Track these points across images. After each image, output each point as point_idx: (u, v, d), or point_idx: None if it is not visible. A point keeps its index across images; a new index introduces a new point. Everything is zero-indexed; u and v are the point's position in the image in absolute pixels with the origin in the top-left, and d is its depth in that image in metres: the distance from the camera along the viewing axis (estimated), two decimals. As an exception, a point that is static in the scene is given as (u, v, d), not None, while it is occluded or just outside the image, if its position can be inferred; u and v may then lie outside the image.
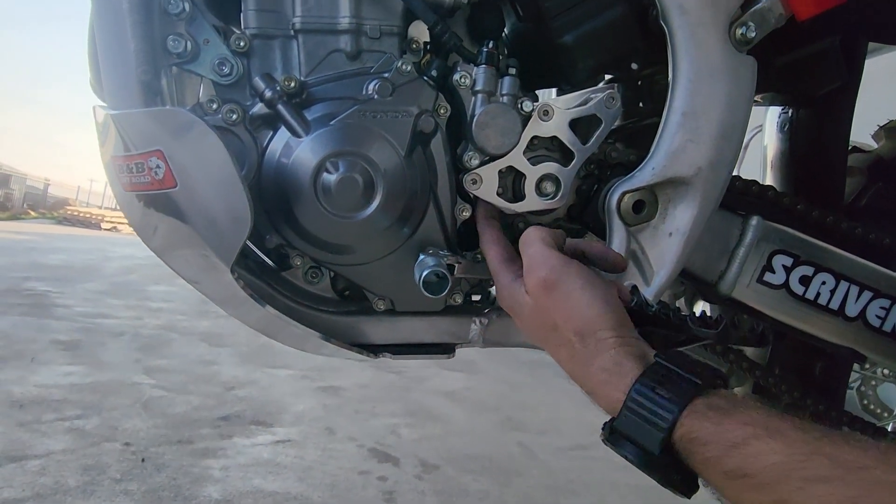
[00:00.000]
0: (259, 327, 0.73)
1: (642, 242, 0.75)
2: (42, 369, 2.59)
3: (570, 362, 0.57)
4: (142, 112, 0.62)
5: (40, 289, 4.67)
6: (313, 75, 0.71)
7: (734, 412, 0.46)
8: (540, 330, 0.60)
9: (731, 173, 0.75)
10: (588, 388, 0.55)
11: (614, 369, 0.53)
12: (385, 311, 0.76)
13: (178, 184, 0.60)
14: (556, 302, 0.57)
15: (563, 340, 0.57)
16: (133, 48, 0.66)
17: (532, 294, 0.59)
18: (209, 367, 2.96)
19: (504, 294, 0.64)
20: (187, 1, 0.69)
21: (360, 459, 2.02)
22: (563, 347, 0.57)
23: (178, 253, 0.68)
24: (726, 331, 0.57)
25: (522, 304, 0.60)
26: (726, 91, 0.70)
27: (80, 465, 1.71)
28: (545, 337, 0.59)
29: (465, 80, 0.69)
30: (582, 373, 0.55)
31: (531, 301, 0.59)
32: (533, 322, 0.60)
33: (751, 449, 0.43)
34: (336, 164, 0.65)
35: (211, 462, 1.84)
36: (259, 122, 0.67)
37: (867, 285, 0.83)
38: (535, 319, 0.60)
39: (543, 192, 0.74)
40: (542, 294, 0.57)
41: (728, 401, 0.47)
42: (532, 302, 0.59)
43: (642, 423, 0.49)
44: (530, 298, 0.59)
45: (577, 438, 2.50)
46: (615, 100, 0.72)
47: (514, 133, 0.69)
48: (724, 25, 0.69)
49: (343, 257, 0.71)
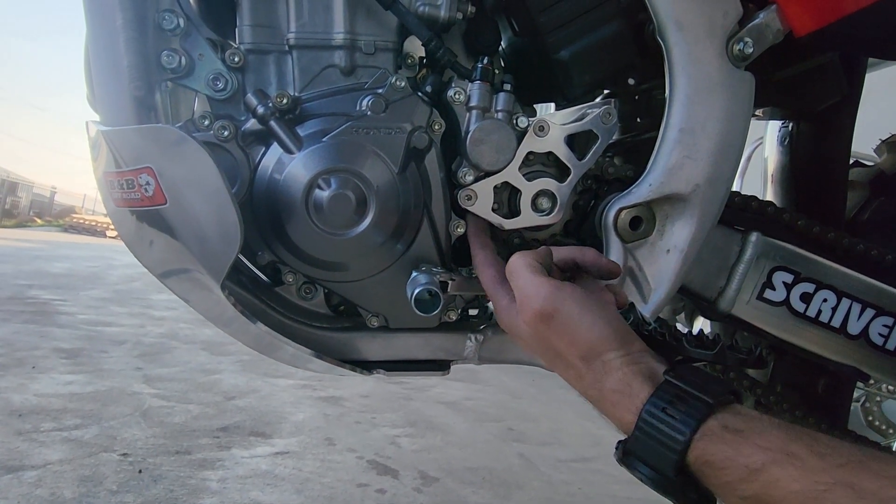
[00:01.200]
0: (252, 344, 0.73)
1: (640, 259, 0.74)
2: (42, 377, 2.58)
3: (580, 384, 0.56)
4: (132, 129, 0.62)
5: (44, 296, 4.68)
6: (308, 91, 0.71)
7: (750, 434, 0.44)
8: (544, 355, 0.59)
9: (729, 189, 0.74)
10: (600, 408, 0.54)
11: (624, 391, 0.51)
12: (379, 327, 0.75)
13: (168, 201, 0.60)
14: (556, 331, 0.56)
15: (568, 364, 0.56)
16: (126, 64, 0.66)
17: (529, 325, 0.58)
18: (210, 375, 2.95)
19: (502, 316, 0.62)
20: (182, 17, 0.69)
21: (359, 471, 2.00)
22: (570, 370, 0.57)
23: (169, 269, 0.67)
24: (723, 352, 0.55)
25: (522, 330, 0.59)
26: (724, 107, 0.70)
27: (77, 475, 1.70)
28: (551, 360, 0.59)
29: (459, 96, 0.69)
30: (593, 394, 0.55)
31: (529, 330, 0.58)
32: (536, 348, 0.59)
33: (769, 476, 0.42)
34: (328, 180, 0.64)
35: (209, 473, 1.83)
36: (251, 138, 0.67)
37: (870, 303, 0.82)
38: (537, 346, 0.59)
39: (539, 209, 0.73)
40: (540, 325, 0.56)
41: (743, 419, 0.46)
42: (531, 331, 0.58)
43: (655, 444, 0.47)
44: (529, 327, 0.58)
45: (579, 450, 2.48)
46: (612, 115, 0.72)
47: (509, 149, 0.68)
48: (721, 41, 0.69)
49: (335, 274, 0.71)
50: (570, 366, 0.56)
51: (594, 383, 0.54)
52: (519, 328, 0.59)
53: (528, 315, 0.57)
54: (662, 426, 0.47)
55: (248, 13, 0.71)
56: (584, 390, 0.56)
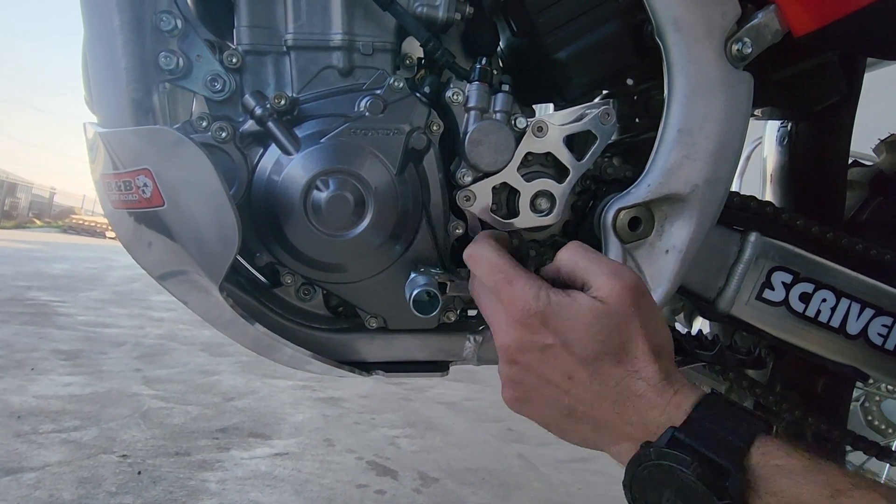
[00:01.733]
0: (250, 346, 0.73)
1: (638, 260, 0.74)
2: (42, 379, 2.58)
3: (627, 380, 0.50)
4: (129, 131, 0.62)
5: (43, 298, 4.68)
6: (305, 92, 0.71)
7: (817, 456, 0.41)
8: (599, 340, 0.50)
9: (728, 189, 0.74)
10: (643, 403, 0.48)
11: (688, 384, 0.49)
12: (377, 328, 0.75)
13: (165, 202, 0.59)
14: (644, 311, 0.51)
15: (626, 354, 0.50)
16: (124, 65, 0.65)
17: (615, 299, 0.50)
18: (209, 377, 2.95)
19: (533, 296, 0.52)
20: (179, 18, 0.68)
21: (358, 472, 2.00)
22: (621, 365, 0.50)
23: (167, 271, 0.67)
24: (722, 353, 0.55)
25: (579, 309, 0.51)
26: (722, 107, 0.70)
27: (76, 477, 1.70)
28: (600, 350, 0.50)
29: (457, 97, 0.68)
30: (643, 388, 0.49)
31: (606, 307, 0.50)
32: (593, 330, 0.50)
33: (854, 502, 0.38)
34: (326, 182, 0.64)
35: (208, 475, 1.83)
36: (249, 139, 0.67)
37: (869, 303, 0.82)
38: (601, 328, 0.50)
39: (538, 209, 0.73)
40: (631, 300, 0.50)
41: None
42: (607, 308, 0.50)
43: (715, 432, 0.43)
44: (607, 304, 0.50)
45: (578, 451, 2.47)
46: (610, 116, 0.72)
47: (508, 150, 0.68)
48: (719, 41, 0.69)
49: (334, 275, 0.70)
50: (633, 355, 0.50)
51: (658, 372, 0.49)
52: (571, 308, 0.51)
53: (625, 285, 0.51)
54: (724, 418, 0.43)
55: (245, 14, 0.70)
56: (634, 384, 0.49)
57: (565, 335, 0.51)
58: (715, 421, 0.44)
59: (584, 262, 0.54)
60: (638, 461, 0.47)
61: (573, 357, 0.51)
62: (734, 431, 0.43)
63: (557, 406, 0.54)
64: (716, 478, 0.41)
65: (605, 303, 0.51)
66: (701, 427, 0.44)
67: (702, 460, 0.42)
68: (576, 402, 0.52)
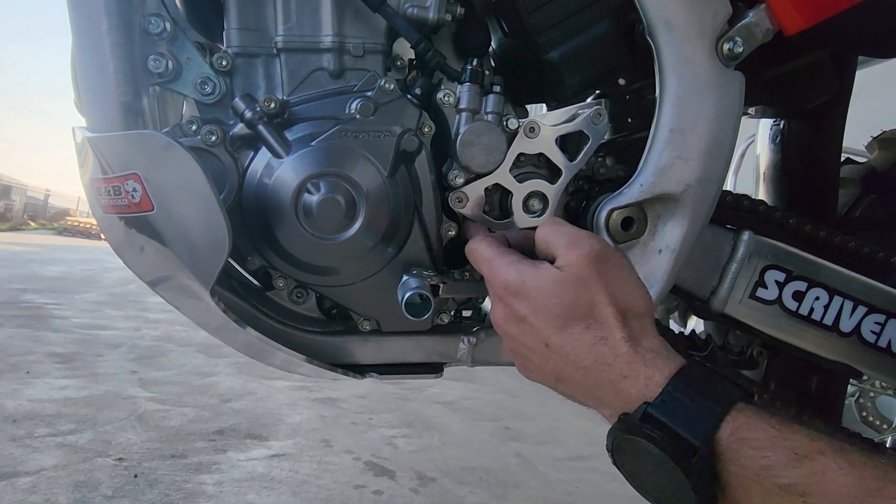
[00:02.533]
0: (243, 350, 0.72)
1: (632, 260, 0.74)
2: (37, 382, 2.57)
3: (597, 346, 0.51)
4: (117, 135, 0.61)
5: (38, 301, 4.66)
6: (296, 94, 0.70)
7: (790, 420, 0.42)
8: (563, 307, 0.52)
9: (720, 189, 0.74)
10: (615, 372, 0.49)
11: (661, 352, 0.49)
12: (371, 331, 0.75)
13: (155, 207, 0.59)
14: (605, 274, 0.52)
15: (596, 319, 0.52)
16: (112, 69, 0.65)
17: (573, 265, 0.53)
18: (205, 378, 2.95)
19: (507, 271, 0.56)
20: (168, 20, 0.68)
21: (355, 473, 2.00)
22: (594, 328, 0.51)
23: (158, 276, 0.67)
24: (714, 353, 0.55)
25: (542, 279, 0.53)
26: (714, 107, 0.70)
27: (72, 481, 1.69)
28: (566, 316, 0.52)
29: (448, 99, 0.68)
30: (611, 357, 0.50)
31: (564, 274, 0.53)
32: (556, 299, 0.52)
33: (817, 464, 0.38)
34: (317, 185, 0.64)
35: (205, 477, 1.82)
36: (240, 142, 0.66)
37: (861, 300, 0.82)
38: (562, 295, 0.52)
39: (531, 210, 0.73)
40: (588, 265, 0.52)
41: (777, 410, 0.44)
42: (565, 275, 0.53)
43: (687, 408, 0.44)
44: (565, 271, 0.53)
45: (576, 449, 2.48)
46: (602, 116, 0.71)
47: (500, 151, 0.68)
48: (710, 41, 0.69)
49: (326, 278, 0.70)
50: (599, 321, 0.51)
51: (627, 339, 0.50)
52: (537, 279, 0.54)
53: (579, 251, 0.53)
54: (697, 391, 0.44)
55: (235, 16, 0.70)
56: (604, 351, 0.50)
57: (535, 305, 0.54)
58: (689, 395, 0.45)
59: (552, 236, 0.58)
60: (614, 433, 0.48)
61: (545, 325, 0.54)
62: (707, 405, 0.44)
63: (547, 371, 0.56)
64: (683, 454, 0.42)
65: (564, 270, 0.54)
66: (673, 402, 0.45)
67: (671, 437, 0.43)
68: (557, 368, 0.54)
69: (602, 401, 0.52)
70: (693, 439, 0.43)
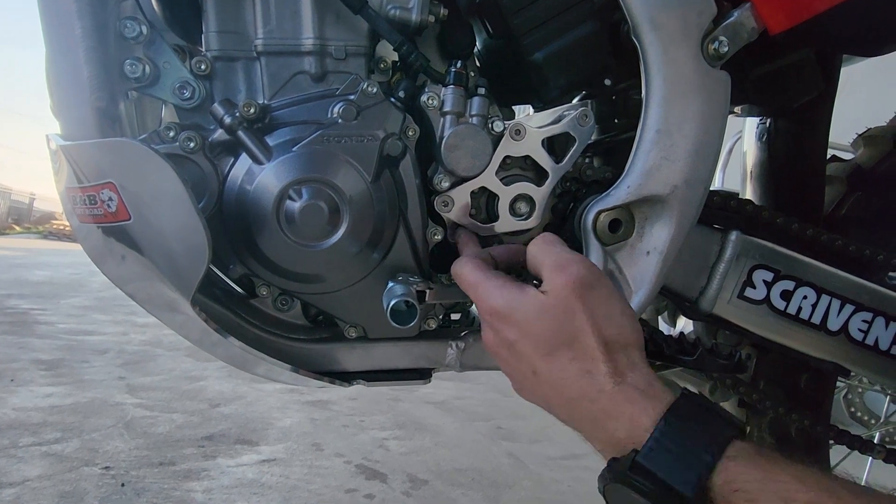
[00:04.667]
0: (227, 360, 0.71)
1: (620, 262, 0.74)
2: (21, 390, 2.53)
3: (582, 380, 0.49)
4: (91, 143, 0.59)
5: (23, 306, 4.59)
6: (277, 98, 0.69)
7: (781, 462, 0.41)
8: (548, 334, 0.51)
9: (707, 189, 0.74)
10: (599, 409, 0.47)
11: (647, 390, 0.47)
12: (357, 337, 0.74)
13: (132, 216, 0.57)
14: (590, 303, 0.50)
15: (581, 350, 0.50)
16: (87, 74, 0.63)
17: (557, 291, 0.51)
18: (194, 383, 2.91)
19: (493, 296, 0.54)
20: (145, 24, 0.66)
21: (347, 476, 1.98)
22: (574, 362, 0.50)
23: (137, 286, 0.65)
24: (702, 357, 0.55)
25: (527, 305, 0.51)
26: (700, 107, 0.69)
27: (57, 491, 1.66)
28: (552, 344, 0.50)
29: (433, 102, 0.67)
30: (595, 392, 0.48)
31: (548, 301, 0.51)
32: (540, 325, 0.51)
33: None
34: (299, 191, 0.63)
35: (193, 484, 1.80)
36: (220, 148, 0.65)
37: (849, 298, 0.82)
38: (546, 322, 0.50)
39: (518, 213, 0.72)
40: (573, 292, 0.50)
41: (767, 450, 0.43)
42: (549, 302, 0.51)
43: (675, 456, 0.42)
44: (549, 297, 0.51)
45: (569, 447, 2.48)
46: (588, 117, 0.71)
47: (485, 154, 0.67)
48: (696, 40, 0.68)
49: (310, 286, 0.69)
50: (583, 352, 0.49)
51: (612, 374, 0.48)
52: (523, 304, 0.52)
53: (564, 278, 0.51)
54: (686, 437, 0.42)
55: (213, 19, 0.68)
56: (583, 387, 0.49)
57: (522, 331, 0.52)
58: (678, 441, 0.43)
59: (541, 256, 0.56)
60: (604, 479, 0.47)
61: (532, 352, 0.52)
62: (696, 453, 0.42)
63: (539, 396, 0.55)
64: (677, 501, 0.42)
65: (548, 296, 0.51)
66: (661, 449, 0.43)
67: (662, 489, 0.42)
68: (547, 396, 0.53)
69: (592, 434, 0.51)
70: (684, 490, 0.41)
